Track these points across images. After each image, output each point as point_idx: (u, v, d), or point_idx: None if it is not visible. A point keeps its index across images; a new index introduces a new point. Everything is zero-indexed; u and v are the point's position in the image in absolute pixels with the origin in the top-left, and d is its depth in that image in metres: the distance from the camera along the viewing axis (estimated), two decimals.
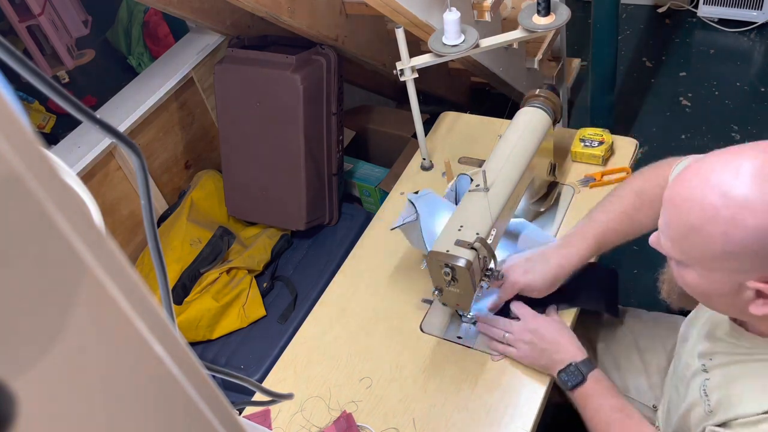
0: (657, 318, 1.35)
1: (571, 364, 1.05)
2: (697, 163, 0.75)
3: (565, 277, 1.13)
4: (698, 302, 0.86)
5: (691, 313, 1.02)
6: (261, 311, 1.79)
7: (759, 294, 0.72)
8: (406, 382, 1.17)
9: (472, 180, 1.33)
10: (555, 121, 1.30)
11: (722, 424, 0.80)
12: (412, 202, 1.21)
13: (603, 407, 1.01)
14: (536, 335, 1.10)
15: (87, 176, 1.73)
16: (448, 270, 1.04)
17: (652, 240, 0.84)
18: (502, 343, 1.15)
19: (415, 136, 1.58)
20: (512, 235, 1.30)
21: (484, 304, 1.21)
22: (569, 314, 1.19)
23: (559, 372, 1.07)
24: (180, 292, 1.76)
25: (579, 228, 1.15)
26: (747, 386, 0.80)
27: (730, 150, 0.73)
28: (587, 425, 1.05)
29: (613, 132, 1.45)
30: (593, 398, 1.03)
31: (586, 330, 1.28)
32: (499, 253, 1.23)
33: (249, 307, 1.77)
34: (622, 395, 1.04)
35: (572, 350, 1.07)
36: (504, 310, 1.19)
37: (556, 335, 1.09)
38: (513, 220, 1.31)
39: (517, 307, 1.16)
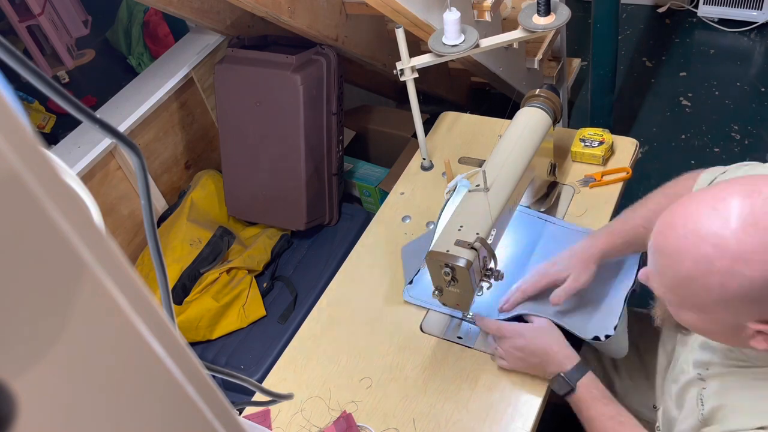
0: None
1: (558, 375, 1.06)
2: (684, 209, 0.74)
3: (594, 264, 1.13)
4: None
5: None
6: (261, 311, 1.79)
7: (759, 332, 0.73)
8: (406, 382, 1.17)
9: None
10: (555, 121, 1.30)
11: None
12: None
13: (595, 417, 1.02)
14: (524, 352, 1.10)
15: (87, 176, 1.73)
16: (448, 270, 1.04)
17: (641, 276, 0.83)
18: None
19: (415, 136, 1.58)
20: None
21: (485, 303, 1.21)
22: None
23: (550, 382, 1.09)
24: (180, 292, 1.76)
25: (607, 225, 1.18)
26: (741, 398, 0.80)
27: (715, 192, 0.72)
28: (586, 429, 1.06)
29: (613, 132, 1.45)
30: (585, 406, 1.04)
31: None
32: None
33: (249, 307, 1.77)
34: (614, 400, 1.03)
35: (559, 360, 1.07)
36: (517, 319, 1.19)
37: (543, 347, 1.09)
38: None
39: (504, 326, 1.14)
